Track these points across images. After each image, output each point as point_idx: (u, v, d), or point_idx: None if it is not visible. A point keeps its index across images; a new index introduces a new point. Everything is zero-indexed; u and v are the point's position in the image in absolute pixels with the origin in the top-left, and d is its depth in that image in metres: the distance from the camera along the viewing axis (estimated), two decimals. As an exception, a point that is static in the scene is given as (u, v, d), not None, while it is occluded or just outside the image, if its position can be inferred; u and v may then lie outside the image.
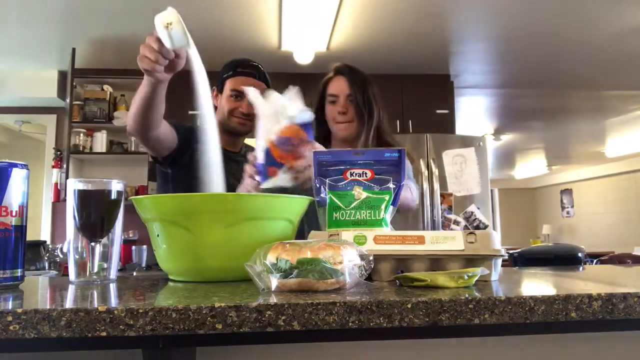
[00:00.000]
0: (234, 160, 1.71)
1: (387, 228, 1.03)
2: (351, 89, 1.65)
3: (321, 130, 1.75)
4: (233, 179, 1.65)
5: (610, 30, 3.64)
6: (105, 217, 0.89)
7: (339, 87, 1.67)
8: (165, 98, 1.43)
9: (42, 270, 3.45)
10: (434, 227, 3.57)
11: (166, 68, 1.18)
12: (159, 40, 1.09)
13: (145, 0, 3.17)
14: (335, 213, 1.04)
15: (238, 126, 1.70)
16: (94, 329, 0.57)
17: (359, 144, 1.65)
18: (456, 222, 3.62)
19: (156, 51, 1.10)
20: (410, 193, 1.54)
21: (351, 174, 1.09)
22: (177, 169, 1.65)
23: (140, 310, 0.58)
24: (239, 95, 1.67)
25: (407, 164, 1.65)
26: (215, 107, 1.73)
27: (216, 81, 1.74)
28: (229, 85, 1.70)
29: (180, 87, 1.76)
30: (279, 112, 1.14)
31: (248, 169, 1.28)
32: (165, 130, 1.54)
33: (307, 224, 1.34)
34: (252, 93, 1.22)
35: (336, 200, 1.04)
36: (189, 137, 1.65)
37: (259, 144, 1.18)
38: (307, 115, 1.17)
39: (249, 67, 1.71)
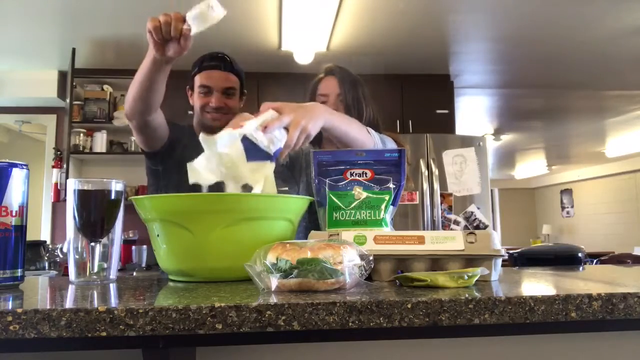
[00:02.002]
0: None
1: (387, 228, 1.03)
2: (341, 89, 1.64)
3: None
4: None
5: (610, 30, 3.64)
6: (105, 217, 0.89)
7: (329, 86, 1.67)
8: (163, 99, 1.43)
9: (42, 270, 3.45)
10: (434, 227, 3.57)
11: (168, 48, 1.15)
12: (181, 18, 1.08)
13: (145, 1, 3.17)
14: (335, 213, 1.04)
15: (211, 122, 1.66)
16: (94, 329, 0.57)
17: None
18: (456, 222, 3.62)
19: (171, 18, 1.08)
20: (370, 137, 1.43)
21: (351, 174, 1.09)
22: (167, 165, 1.66)
23: (140, 310, 0.58)
24: (207, 90, 1.65)
25: (391, 140, 1.60)
26: (192, 107, 1.73)
27: (188, 81, 1.73)
28: (197, 81, 1.68)
29: (180, 87, 1.77)
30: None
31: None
32: (161, 120, 1.54)
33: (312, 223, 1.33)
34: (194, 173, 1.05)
35: (336, 200, 1.04)
36: (179, 133, 1.66)
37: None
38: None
39: (214, 59, 1.68)
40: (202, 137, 1.03)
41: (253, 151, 1.02)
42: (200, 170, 1.03)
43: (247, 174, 1.02)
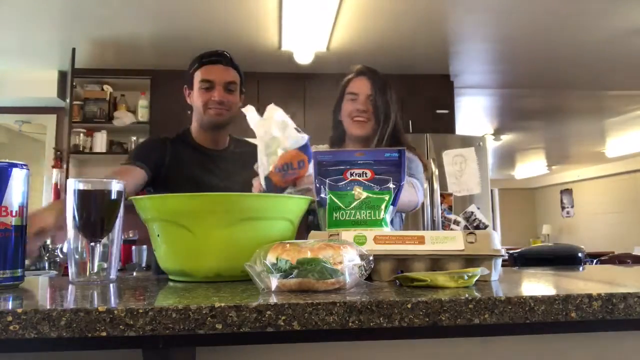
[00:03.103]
0: (221, 158, 1.69)
1: (387, 228, 1.03)
2: (373, 90, 1.65)
3: (337, 130, 1.74)
4: (217, 179, 1.65)
5: (610, 31, 3.63)
6: (105, 217, 0.89)
7: (360, 86, 1.67)
8: (163, 99, 1.42)
9: (42, 270, 3.45)
10: (434, 227, 3.57)
11: None
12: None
13: (145, 1, 3.17)
14: (335, 213, 1.04)
15: (215, 117, 1.63)
16: (94, 329, 0.57)
17: (374, 145, 1.65)
18: (456, 222, 3.62)
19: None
20: (414, 192, 1.53)
21: (351, 174, 1.09)
22: (156, 184, 1.64)
23: (140, 310, 0.58)
24: (209, 86, 1.62)
25: (418, 163, 1.66)
26: (191, 107, 1.70)
27: (186, 80, 1.70)
28: (197, 77, 1.64)
29: (180, 87, 1.76)
30: (273, 142, 1.14)
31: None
32: (130, 190, 1.49)
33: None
34: (249, 114, 1.18)
35: (336, 200, 1.04)
36: (157, 155, 1.63)
37: (259, 171, 1.17)
38: (303, 140, 1.15)
39: (214, 55, 1.66)
40: (271, 105, 1.16)
41: (295, 141, 1.15)
42: (255, 118, 1.16)
43: (277, 149, 1.14)
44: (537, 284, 0.89)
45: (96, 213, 0.88)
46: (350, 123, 1.66)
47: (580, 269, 1.32)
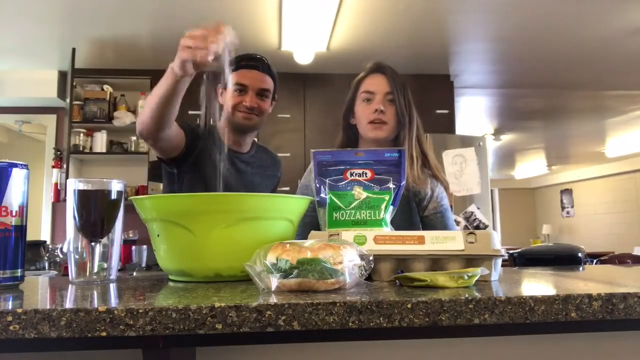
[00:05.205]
0: (242, 161, 1.69)
1: (387, 228, 1.03)
2: (391, 88, 1.51)
3: (348, 134, 1.60)
4: (238, 181, 1.64)
5: (610, 30, 3.64)
6: (105, 217, 0.89)
7: (376, 84, 1.53)
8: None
9: (42, 270, 3.45)
10: (434, 227, 3.56)
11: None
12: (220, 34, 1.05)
13: (145, 1, 3.17)
14: (335, 213, 1.04)
15: (243, 121, 1.64)
16: (94, 329, 0.57)
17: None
18: (456, 222, 3.62)
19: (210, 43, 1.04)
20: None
21: (351, 174, 1.09)
22: (183, 168, 1.62)
23: (140, 310, 0.58)
24: (242, 89, 1.63)
25: (442, 191, 1.54)
26: (222, 106, 1.69)
27: (220, 80, 1.67)
28: (232, 79, 1.61)
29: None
30: None
31: None
32: (175, 130, 1.49)
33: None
34: None
35: (336, 200, 1.04)
36: (196, 136, 1.63)
37: None
38: None
39: (252, 59, 1.66)
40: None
41: None
42: None
43: None
44: (537, 284, 0.89)
45: (96, 213, 0.88)
46: (366, 126, 1.51)
47: (580, 269, 1.31)
